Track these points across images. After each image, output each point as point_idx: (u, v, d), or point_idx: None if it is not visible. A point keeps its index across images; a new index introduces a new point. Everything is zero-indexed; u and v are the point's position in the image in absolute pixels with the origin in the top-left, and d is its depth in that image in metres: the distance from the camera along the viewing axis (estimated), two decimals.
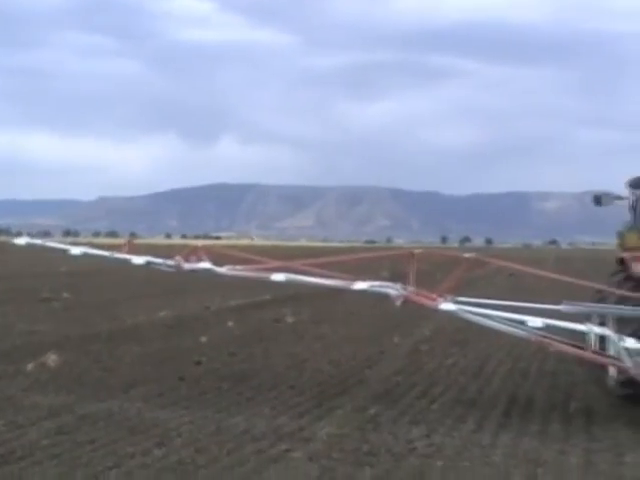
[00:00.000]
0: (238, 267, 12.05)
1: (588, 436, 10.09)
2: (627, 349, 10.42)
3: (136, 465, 8.58)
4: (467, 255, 12.23)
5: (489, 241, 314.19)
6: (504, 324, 10.93)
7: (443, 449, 9.36)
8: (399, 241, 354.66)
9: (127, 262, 12.41)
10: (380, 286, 11.34)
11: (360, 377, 13.81)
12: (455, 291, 11.52)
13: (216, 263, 11.99)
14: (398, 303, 11.14)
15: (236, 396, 12.06)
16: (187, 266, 11.98)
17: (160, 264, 12.29)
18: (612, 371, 11.75)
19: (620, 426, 10.49)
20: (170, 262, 12.08)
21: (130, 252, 12.52)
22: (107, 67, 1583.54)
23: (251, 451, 9.13)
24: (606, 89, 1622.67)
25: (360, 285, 11.33)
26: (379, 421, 10.61)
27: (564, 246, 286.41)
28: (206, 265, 11.92)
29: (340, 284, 11.75)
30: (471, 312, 10.97)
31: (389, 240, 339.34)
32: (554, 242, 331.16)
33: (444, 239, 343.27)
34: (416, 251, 11.99)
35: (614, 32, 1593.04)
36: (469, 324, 11.83)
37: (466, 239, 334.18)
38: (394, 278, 11.44)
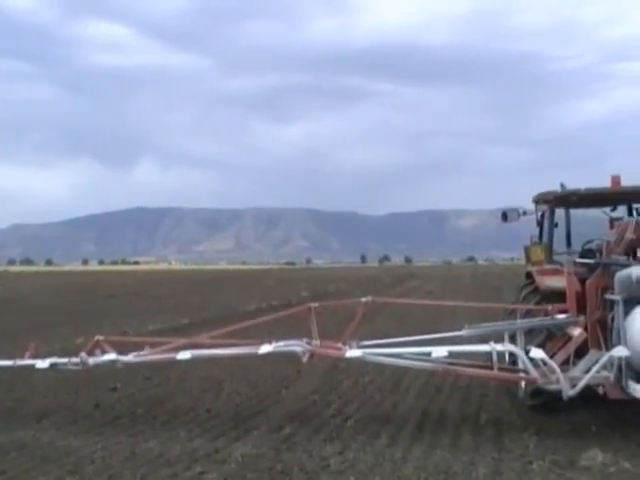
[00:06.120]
0: (142, 352, 12.08)
1: (497, 446, 10.27)
2: (533, 360, 10.59)
3: None
4: (363, 300, 12.86)
5: (408, 260, 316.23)
6: (410, 359, 11.09)
7: (356, 465, 9.45)
8: (319, 261, 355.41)
9: (31, 368, 12.42)
10: (286, 345, 11.49)
11: (276, 397, 13.90)
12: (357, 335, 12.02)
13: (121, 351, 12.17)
14: (305, 359, 11.31)
15: (151, 420, 12.05)
16: (92, 361, 12.01)
17: (65, 363, 12.27)
18: (522, 383, 12.00)
19: (529, 435, 10.69)
20: (75, 359, 12.08)
21: (33, 356, 12.53)
22: (20, 92, 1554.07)
23: (165, 475, 9.13)
24: (514, 108, 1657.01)
25: (266, 348, 11.44)
26: (294, 440, 10.70)
27: (481, 262, 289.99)
28: (111, 356, 11.98)
29: (246, 351, 11.93)
30: (377, 354, 11.13)
31: (308, 261, 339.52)
32: (472, 259, 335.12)
33: (363, 259, 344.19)
34: (314, 306, 12.38)
35: (520, 52, 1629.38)
36: None
37: (385, 258, 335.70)
38: (315, 298, 11.69)
